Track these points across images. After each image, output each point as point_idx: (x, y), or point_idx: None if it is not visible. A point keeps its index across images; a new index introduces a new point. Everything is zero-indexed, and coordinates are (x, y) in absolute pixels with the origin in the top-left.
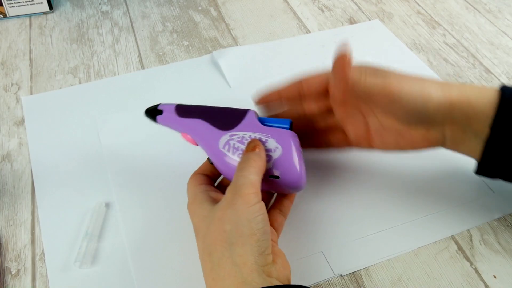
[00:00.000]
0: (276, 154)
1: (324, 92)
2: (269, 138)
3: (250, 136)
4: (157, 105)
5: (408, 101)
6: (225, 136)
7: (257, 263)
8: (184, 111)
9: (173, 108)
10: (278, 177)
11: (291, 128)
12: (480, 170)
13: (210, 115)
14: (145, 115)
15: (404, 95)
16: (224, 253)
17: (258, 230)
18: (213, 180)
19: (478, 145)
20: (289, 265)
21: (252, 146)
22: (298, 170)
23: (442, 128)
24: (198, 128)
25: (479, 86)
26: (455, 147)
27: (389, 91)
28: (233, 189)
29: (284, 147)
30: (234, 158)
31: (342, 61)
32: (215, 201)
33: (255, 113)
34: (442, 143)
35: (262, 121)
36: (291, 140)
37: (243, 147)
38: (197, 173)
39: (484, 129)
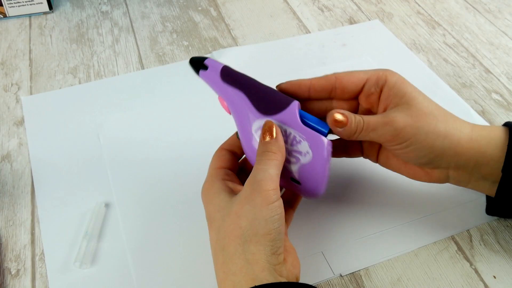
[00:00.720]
0: (305, 160)
1: (356, 94)
2: (303, 140)
3: (285, 131)
4: (205, 58)
5: (408, 145)
6: (261, 121)
7: (269, 262)
8: (229, 76)
9: (219, 68)
10: (299, 183)
11: (327, 135)
12: (492, 211)
13: (254, 91)
14: (189, 64)
15: (404, 138)
16: (237, 249)
17: (273, 230)
18: (238, 158)
19: (485, 186)
20: (299, 262)
21: (268, 128)
22: (321, 184)
23: (447, 171)
24: (237, 100)
25: (487, 128)
26: (460, 185)
27: (393, 129)
28: (252, 183)
29: (315, 156)
30: None
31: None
32: (233, 192)
33: (299, 105)
34: (445, 181)
35: (302, 116)
36: (325, 151)
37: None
38: (224, 148)
39: (493, 173)
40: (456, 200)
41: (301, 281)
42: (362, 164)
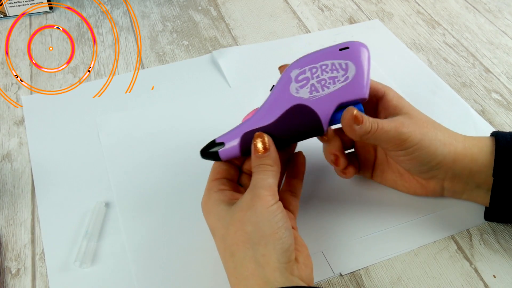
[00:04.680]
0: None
1: None
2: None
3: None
4: (213, 141)
5: (413, 151)
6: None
7: (279, 261)
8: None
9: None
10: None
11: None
12: (489, 216)
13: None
14: (203, 157)
15: (411, 144)
16: (246, 253)
17: (279, 228)
18: (237, 164)
19: (480, 195)
20: (311, 261)
21: (260, 140)
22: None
23: (442, 182)
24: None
25: (477, 138)
26: (454, 196)
27: (403, 133)
28: (251, 192)
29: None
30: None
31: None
32: (231, 201)
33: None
34: (440, 194)
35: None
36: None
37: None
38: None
39: (487, 180)
40: (456, 200)
41: None
42: None
